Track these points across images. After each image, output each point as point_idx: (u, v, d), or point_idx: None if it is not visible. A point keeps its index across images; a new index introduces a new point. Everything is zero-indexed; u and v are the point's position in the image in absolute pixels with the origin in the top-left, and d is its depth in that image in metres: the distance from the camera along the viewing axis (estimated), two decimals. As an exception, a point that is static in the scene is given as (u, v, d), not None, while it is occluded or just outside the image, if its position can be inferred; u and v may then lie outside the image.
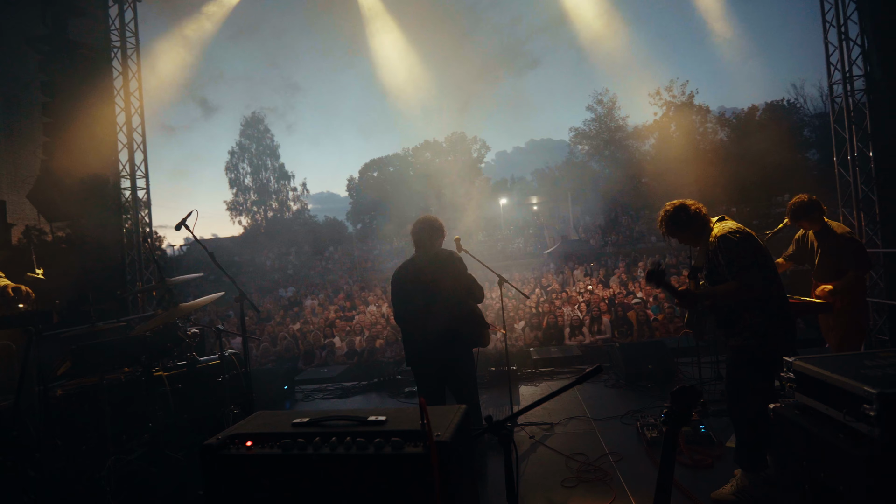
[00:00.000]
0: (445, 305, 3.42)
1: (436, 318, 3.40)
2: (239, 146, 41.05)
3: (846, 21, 6.01)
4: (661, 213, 3.19)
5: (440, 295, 3.42)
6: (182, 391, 3.59)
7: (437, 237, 3.63)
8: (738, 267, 2.84)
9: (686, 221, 3.08)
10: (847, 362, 2.06)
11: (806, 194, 4.08)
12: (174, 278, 4.09)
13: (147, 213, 6.88)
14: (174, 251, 28.82)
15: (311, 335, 9.93)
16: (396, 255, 29.09)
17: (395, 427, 1.37)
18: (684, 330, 6.70)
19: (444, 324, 3.42)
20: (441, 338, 3.40)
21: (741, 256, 2.85)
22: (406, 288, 3.57)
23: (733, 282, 2.85)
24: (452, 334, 3.47)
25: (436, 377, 3.60)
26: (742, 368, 2.97)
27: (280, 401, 6.03)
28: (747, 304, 2.91)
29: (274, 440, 1.42)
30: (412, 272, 3.59)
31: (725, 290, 2.89)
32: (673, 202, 3.16)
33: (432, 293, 3.42)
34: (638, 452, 3.78)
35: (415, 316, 3.51)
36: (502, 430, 1.62)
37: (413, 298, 3.51)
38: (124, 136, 7.06)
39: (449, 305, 3.44)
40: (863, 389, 1.80)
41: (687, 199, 3.18)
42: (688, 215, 3.07)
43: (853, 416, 1.83)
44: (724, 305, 3.01)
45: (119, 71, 7.14)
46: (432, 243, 3.61)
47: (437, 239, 3.64)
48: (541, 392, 5.56)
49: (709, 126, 37.70)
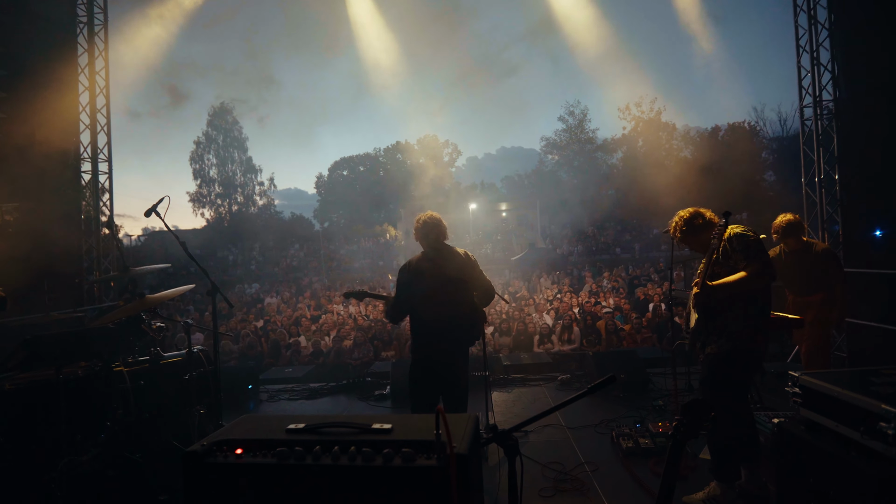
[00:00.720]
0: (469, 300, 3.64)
1: (460, 311, 3.55)
2: (205, 136, 39.78)
3: (818, 47, 6.27)
4: (677, 218, 3.21)
5: (466, 290, 3.60)
6: (144, 388, 3.36)
7: (444, 235, 3.68)
8: (755, 251, 2.83)
9: (702, 227, 3.12)
10: (854, 379, 2.07)
11: (791, 213, 4.26)
12: (139, 268, 3.85)
13: (109, 199, 6.50)
14: (132, 241, 27.65)
15: (275, 333, 9.63)
16: (364, 254, 28.73)
17: (403, 436, 1.24)
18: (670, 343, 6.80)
19: (468, 319, 3.59)
20: (462, 332, 3.57)
21: (756, 246, 2.87)
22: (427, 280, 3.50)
23: (751, 266, 2.80)
24: (470, 330, 3.63)
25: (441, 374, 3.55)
26: (717, 377, 2.99)
27: (244, 401, 5.79)
28: (731, 308, 2.91)
29: (267, 448, 1.28)
30: (433, 266, 3.55)
31: (740, 278, 2.81)
32: (688, 209, 3.20)
33: (458, 287, 3.54)
34: (614, 462, 3.78)
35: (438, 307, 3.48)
36: (509, 441, 1.55)
37: (436, 291, 3.46)
38: (87, 116, 6.67)
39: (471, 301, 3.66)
40: (880, 407, 1.79)
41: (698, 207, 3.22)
42: (704, 221, 3.13)
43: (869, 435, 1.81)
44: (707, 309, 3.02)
45: (84, 48, 6.74)
46: (443, 240, 3.67)
47: (445, 236, 3.69)
48: (514, 399, 5.53)
49: (674, 143, 39.04)
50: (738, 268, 2.87)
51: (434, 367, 3.53)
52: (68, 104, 6.45)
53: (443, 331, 3.50)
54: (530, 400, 5.46)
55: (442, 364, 3.53)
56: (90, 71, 6.71)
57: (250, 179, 40.72)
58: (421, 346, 3.60)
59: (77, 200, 6.27)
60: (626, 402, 5.08)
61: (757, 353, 2.94)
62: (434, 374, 3.54)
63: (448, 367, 3.54)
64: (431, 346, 3.54)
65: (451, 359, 3.55)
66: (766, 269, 2.81)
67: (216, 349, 3.32)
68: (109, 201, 6.57)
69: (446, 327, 3.50)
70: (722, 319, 2.96)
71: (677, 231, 3.22)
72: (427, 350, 3.56)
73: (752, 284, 2.83)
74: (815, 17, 6.35)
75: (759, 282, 2.85)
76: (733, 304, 2.91)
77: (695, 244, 3.23)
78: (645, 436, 3.96)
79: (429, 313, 3.52)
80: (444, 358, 3.53)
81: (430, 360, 3.55)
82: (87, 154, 6.60)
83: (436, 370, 3.53)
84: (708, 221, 3.13)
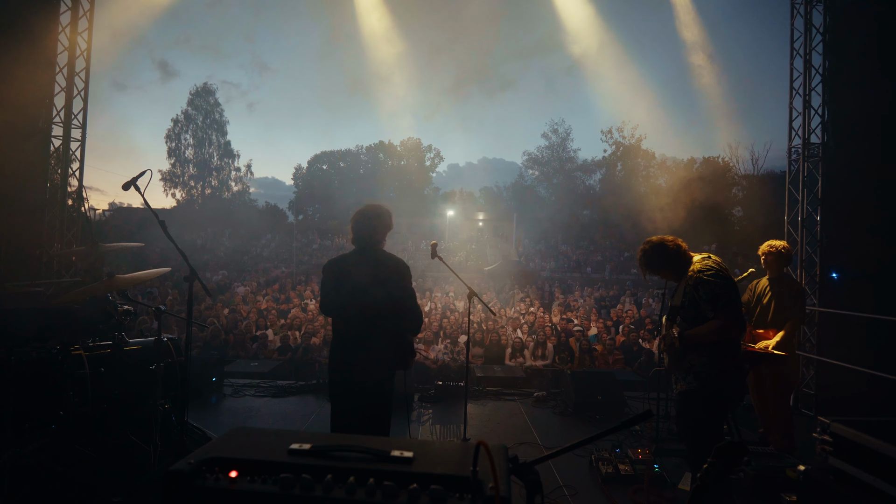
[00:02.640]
0: (390, 323, 3.00)
1: (378, 327, 2.95)
2: (184, 115, 38.58)
3: (810, 91, 6.41)
4: (640, 250, 3.07)
5: (387, 304, 2.94)
6: (104, 376, 3.08)
7: (383, 229, 3.12)
8: (724, 302, 2.77)
9: (665, 260, 2.99)
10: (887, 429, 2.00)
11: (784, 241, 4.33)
12: (109, 245, 3.57)
13: (79, 169, 6.09)
14: (96, 215, 26.46)
15: (242, 324, 9.27)
16: (337, 251, 28.28)
17: (428, 468, 1.05)
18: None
19: (385, 339, 2.99)
20: (378, 355, 2.95)
21: (726, 292, 2.80)
22: (345, 286, 2.96)
23: (717, 319, 2.77)
24: (390, 350, 3.03)
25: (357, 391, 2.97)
26: (688, 415, 2.94)
27: (206, 394, 5.48)
28: (696, 347, 2.87)
29: (268, 472, 1.07)
30: (353, 271, 2.99)
31: (708, 330, 2.80)
32: (651, 239, 3.05)
33: (378, 303, 2.91)
34: (592, 487, 3.69)
35: (350, 323, 2.98)
36: (530, 475, 1.40)
37: (352, 302, 2.92)
38: (64, 78, 6.25)
39: (392, 320, 3.02)
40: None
41: (665, 235, 3.09)
42: (667, 253, 2.98)
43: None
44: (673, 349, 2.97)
45: (68, 6, 6.34)
46: (378, 237, 3.10)
47: (384, 231, 3.13)
48: (489, 413, 5.40)
49: (651, 170, 39.99)
50: (707, 316, 2.82)
51: (349, 388, 2.97)
52: (43, 63, 6.04)
53: (356, 350, 2.93)
54: (506, 415, 5.34)
55: (356, 385, 2.95)
56: (71, 31, 6.30)
57: (227, 164, 39.67)
58: (334, 361, 3.04)
59: (44, 166, 5.85)
60: (603, 424, 5.01)
61: (728, 391, 2.85)
62: (350, 396, 2.97)
63: (362, 391, 2.95)
64: (344, 364, 2.98)
65: (364, 382, 2.94)
66: (734, 323, 2.78)
67: (188, 339, 3.08)
68: (80, 171, 6.15)
69: (352, 346, 2.95)
70: (688, 360, 2.90)
71: (641, 264, 3.08)
72: (340, 366, 3.00)
73: (722, 336, 2.81)
74: (809, 62, 6.50)
75: (729, 335, 2.82)
76: (699, 344, 2.86)
77: (663, 275, 3.11)
78: (624, 461, 3.88)
79: (342, 326, 3.02)
80: (358, 379, 2.94)
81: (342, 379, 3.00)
82: (60, 118, 6.18)
83: (352, 391, 2.97)
84: (673, 252, 2.98)
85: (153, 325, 6.81)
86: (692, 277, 2.89)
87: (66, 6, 6.31)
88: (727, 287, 2.82)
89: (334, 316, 3.11)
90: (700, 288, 2.84)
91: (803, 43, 6.52)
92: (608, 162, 41.43)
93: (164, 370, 3.17)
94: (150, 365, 3.12)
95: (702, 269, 2.88)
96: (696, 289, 2.86)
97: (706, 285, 2.82)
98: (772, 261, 4.33)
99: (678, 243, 3.02)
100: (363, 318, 2.93)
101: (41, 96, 5.99)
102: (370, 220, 3.09)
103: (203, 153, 38.60)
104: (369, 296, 2.89)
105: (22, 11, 5.74)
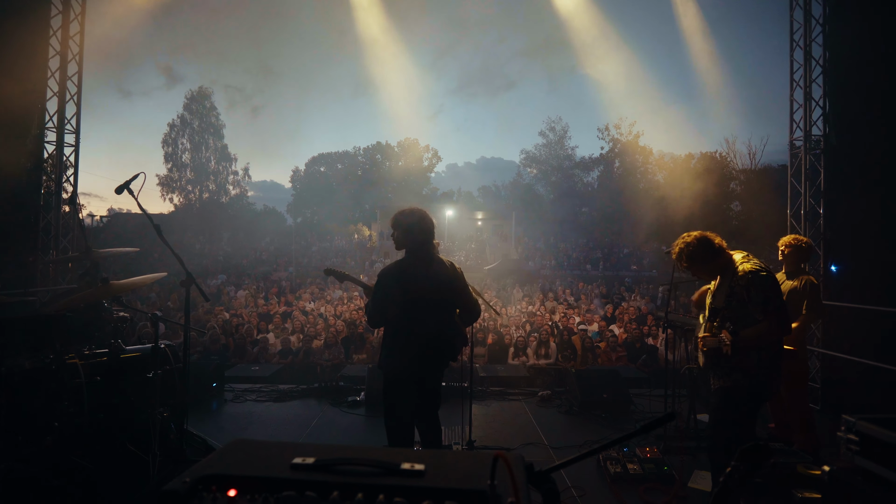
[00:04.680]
0: (452, 317, 3.27)
1: (443, 328, 3.16)
2: (180, 119, 38.45)
3: (811, 83, 6.35)
4: (681, 243, 2.97)
5: (455, 306, 3.27)
6: (100, 385, 3.01)
7: (432, 235, 3.21)
8: (775, 306, 2.72)
9: (710, 255, 2.92)
10: None
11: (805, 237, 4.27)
12: (103, 250, 3.50)
13: (73, 175, 6.02)
14: (94, 222, 26.34)
15: (243, 328, 9.19)
16: (336, 253, 28.17)
17: (441, 482, 0.98)
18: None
19: (449, 338, 3.20)
20: (443, 352, 3.20)
21: (777, 294, 2.76)
22: (410, 288, 3.03)
23: (769, 321, 2.72)
24: (450, 351, 3.26)
25: (416, 398, 3.19)
26: (728, 410, 2.88)
27: (206, 399, 5.41)
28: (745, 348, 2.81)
29: (269, 489, 0.99)
30: (427, 273, 3.08)
31: (758, 333, 2.75)
32: (693, 233, 2.97)
33: (449, 302, 3.21)
34: (601, 487, 3.62)
35: (423, 323, 3.07)
36: (547, 484, 1.33)
37: (427, 304, 3.06)
38: (56, 83, 6.18)
39: (454, 318, 3.30)
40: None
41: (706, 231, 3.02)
42: (711, 248, 2.91)
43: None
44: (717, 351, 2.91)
45: (59, 9, 6.27)
46: (431, 238, 3.19)
47: (433, 237, 3.23)
48: (493, 414, 5.33)
49: (649, 167, 39.93)
50: (755, 317, 2.77)
51: (409, 385, 3.14)
52: (35, 67, 5.96)
53: (422, 348, 3.06)
54: (511, 416, 5.27)
55: (417, 383, 3.17)
56: (63, 34, 6.23)
57: (224, 168, 39.54)
58: (394, 363, 3.12)
59: (37, 171, 5.77)
60: (609, 423, 4.94)
61: (768, 388, 2.84)
62: (410, 394, 3.15)
63: (422, 388, 3.20)
64: (406, 365, 3.09)
65: (426, 378, 3.21)
66: (782, 327, 2.74)
67: (186, 345, 3.01)
68: (74, 176, 6.08)
69: (425, 345, 3.07)
70: (738, 357, 2.83)
71: (682, 258, 3.00)
72: (401, 368, 3.10)
73: (772, 338, 2.79)
74: (810, 53, 6.44)
75: (778, 336, 2.80)
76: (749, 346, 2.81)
77: (700, 272, 3.04)
78: (633, 461, 3.81)
79: (408, 327, 3.08)
80: (423, 374, 3.17)
81: (404, 377, 3.13)
82: (53, 123, 6.11)
83: (411, 389, 3.15)
84: (717, 249, 2.93)
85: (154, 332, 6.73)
86: (744, 277, 2.80)
87: (57, 10, 6.24)
88: (777, 288, 2.79)
89: (398, 320, 3.11)
90: (752, 289, 2.76)
91: (803, 34, 6.47)
92: (606, 159, 41.35)
93: (163, 377, 3.11)
94: (147, 372, 3.06)
95: (754, 270, 2.80)
96: (749, 289, 2.77)
97: (759, 287, 2.75)
98: (794, 255, 4.22)
99: (720, 241, 2.96)
100: (436, 316, 3.11)
101: (34, 101, 5.91)
102: (424, 222, 3.15)
103: (200, 157, 38.46)
104: (438, 294, 3.10)
105: (11, 16, 5.66)
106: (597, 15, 12.04)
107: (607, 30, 13.43)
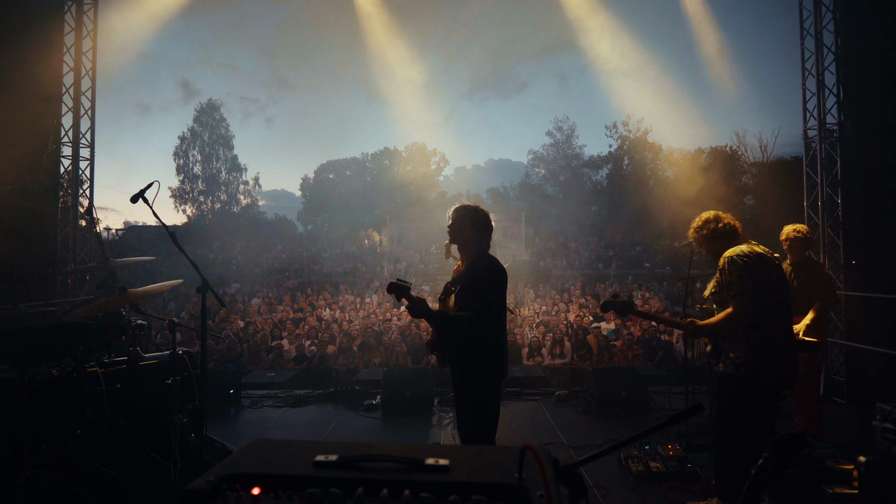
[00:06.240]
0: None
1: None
2: (191, 132, 38.97)
3: (823, 71, 6.25)
4: (696, 221, 3.06)
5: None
6: (120, 392, 3.04)
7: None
8: (738, 291, 2.71)
9: (715, 232, 2.97)
10: None
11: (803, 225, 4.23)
12: (120, 260, 3.54)
13: (89, 188, 6.11)
14: (110, 234, 26.73)
15: (258, 336, 9.25)
16: (346, 259, 28.25)
17: (467, 476, 0.95)
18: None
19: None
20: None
21: (742, 281, 2.71)
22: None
23: (732, 308, 2.73)
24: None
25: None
26: (723, 396, 2.84)
27: (224, 406, 5.44)
28: (732, 334, 2.79)
29: (293, 487, 0.98)
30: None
31: (719, 319, 2.78)
32: (708, 212, 3.05)
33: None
34: (624, 487, 3.57)
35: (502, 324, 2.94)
36: (573, 479, 1.30)
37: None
38: (70, 98, 6.29)
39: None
40: None
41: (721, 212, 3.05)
42: (717, 225, 2.97)
43: None
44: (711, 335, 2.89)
45: (72, 26, 6.38)
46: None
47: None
48: (510, 414, 5.29)
49: (658, 163, 39.57)
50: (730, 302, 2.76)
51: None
52: (49, 84, 6.07)
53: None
54: (528, 416, 5.23)
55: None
56: (76, 51, 6.35)
57: (235, 178, 39.97)
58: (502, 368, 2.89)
59: (55, 186, 5.87)
60: (629, 421, 4.88)
61: (766, 382, 2.72)
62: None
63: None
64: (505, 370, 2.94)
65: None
66: (737, 317, 2.71)
67: (203, 351, 3.03)
68: (90, 189, 6.18)
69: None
70: (725, 344, 2.82)
71: (696, 233, 3.07)
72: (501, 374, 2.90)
73: (727, 327, 2.77)
74: (821, 41, 6.35)
75: (733, 324, 2.75)
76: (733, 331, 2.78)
77: (710, 249, 3.06)
78: (655, 458, 3.76)
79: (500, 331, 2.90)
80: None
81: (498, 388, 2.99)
82: (69, 138, 6.22)
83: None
84: (722, 228, 2.97)
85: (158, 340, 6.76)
86: (722, 260, 2.83)
87: (70, 27, 6.35)
88: (752, 275, 2.71)
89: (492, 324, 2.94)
90: (724, 273, 2.79)
91: (813, 22, 6.37)
92: (615, 157, 41.09)
93: (181, 383, 3.13)
94: (166, 379, 3.08)
95: (731, 255, 2.79)
96: (722, 273, 2.81)
97: (730, 271, 2.76)
98: (797, 245, 4.21)
99: (732, 223, 3.00)
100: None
101: (48, 118, 6.01)
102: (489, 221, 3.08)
103: (211, 168, 38.92)
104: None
105: (24, 34, 5.77)
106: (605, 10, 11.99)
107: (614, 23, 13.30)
